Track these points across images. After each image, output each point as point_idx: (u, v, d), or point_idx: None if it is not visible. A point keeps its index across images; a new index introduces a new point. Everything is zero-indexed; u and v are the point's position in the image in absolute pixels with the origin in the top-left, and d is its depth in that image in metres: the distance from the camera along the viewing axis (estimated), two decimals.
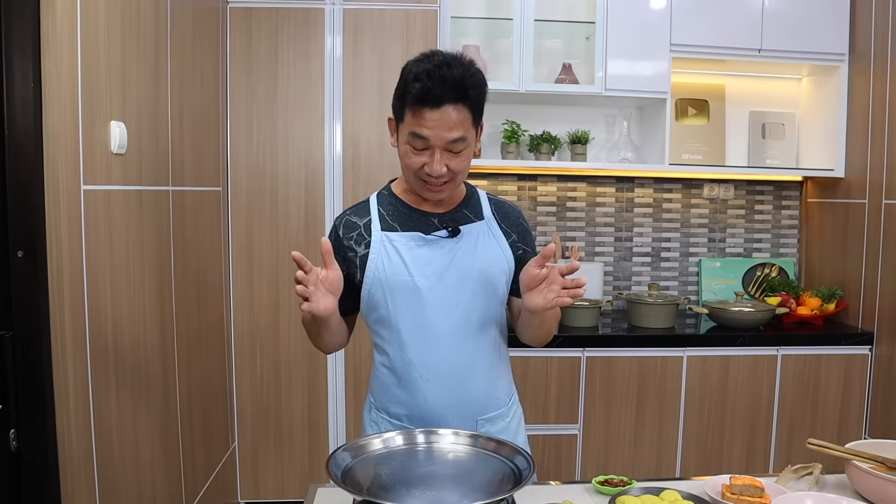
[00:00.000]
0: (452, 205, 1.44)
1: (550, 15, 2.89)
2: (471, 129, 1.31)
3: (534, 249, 1.49)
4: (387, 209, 1.43)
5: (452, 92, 1.25)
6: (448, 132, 1.27)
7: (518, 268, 1.44)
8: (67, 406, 1.52)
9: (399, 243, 1.38)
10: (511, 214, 1.48)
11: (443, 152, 1.29)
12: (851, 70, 2.88)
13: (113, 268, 1.72)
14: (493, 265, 1.40)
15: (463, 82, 1.26)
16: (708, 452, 2.72)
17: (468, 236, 1.40)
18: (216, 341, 2.60)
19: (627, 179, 3.20)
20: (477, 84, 1.29)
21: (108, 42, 1.68)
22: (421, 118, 1.26)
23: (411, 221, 1.41)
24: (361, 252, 1.39)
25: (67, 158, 1.51)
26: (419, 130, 1.27)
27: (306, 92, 2.72)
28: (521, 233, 1.47)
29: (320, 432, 2.83)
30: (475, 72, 1.29)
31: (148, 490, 1.93)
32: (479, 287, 1.38)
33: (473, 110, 1.30)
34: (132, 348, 1.84)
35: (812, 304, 2.91)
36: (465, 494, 1.11)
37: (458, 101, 1.26)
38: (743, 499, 1.20)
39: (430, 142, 1.28)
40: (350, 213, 1.46)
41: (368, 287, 1.39)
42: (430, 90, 1.24)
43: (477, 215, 1.44)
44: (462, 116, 1.27)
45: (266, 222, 2.76)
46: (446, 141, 1.27)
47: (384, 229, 1.40)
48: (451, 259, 1.37)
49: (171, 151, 2.12)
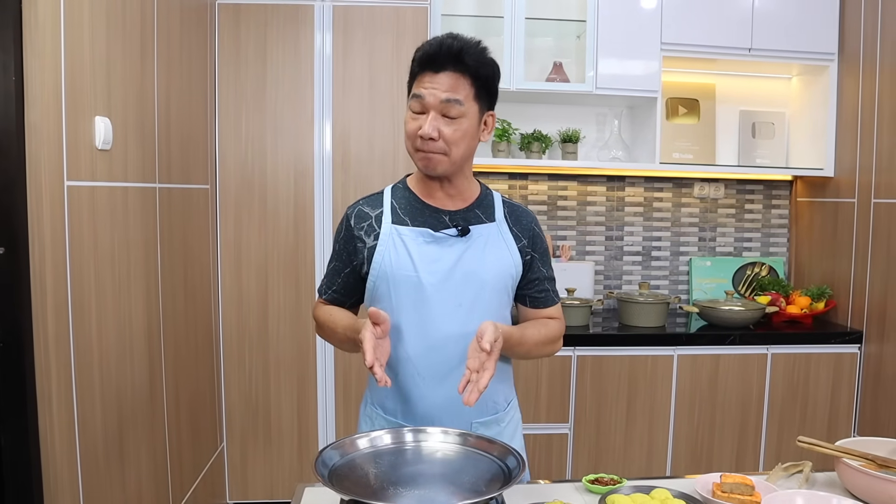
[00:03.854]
0: (465, 203, 1.42)
1: (541, 13, 2.88)
2: (471, 101, 1.32)
3: (543, 256, 1.47)
4: (399, 202, 1.43)
5: (452, 59, 1.29)
6: (443, 92, 1.29)
7: (525, 273, 1.44)
8: (50, 405, 1.49)
9: (408, 238, 1.37)
10: (524, 219, 1.46)
11: (437, 116, 1.30)
12: (841, 69, 2.90)
13: (98, 265, 1.70)
14: (501, 268, 1.39)
15: (461, 51, 1.29)
16: (698, 451, 2.73)
17: (478, 237, 1.39)
18: (204, 340, 2.58)
19: (618, 178, 3.20)
20: (480, 56, 1.32)
21: (93, 36, 1.66)
22: (421, 81, 1.32)
23: (422, 216, 1.40)
24: (370, 243, 1.39)
25: (50, 154, 1.48)
26: (417, 90, 1.32)
27: (296, 89, 2.70)
28: (532, 238, 1.45)
29: (310, 432, 2.81)
30: (481, 49, 1.33)
31: (133, 490, 1.91)
32: (485, 289, 1.37)
33: (476, 84, 1.32)
34: (117, 347, 1.81)
35: (802, 303, 2.91)
36: (453, 494, 1.09)
37: (458, 71, 1.30)
38: (733, 497, 1.19)
39: (425, 100, 1.30)
40: (363, 204, 1.45)
41: (374, 279, 1.38)
42: (431, 55, 1.30)
43: (489, 217, 1.43)
44: (459, 84, 1.30)
45: (255, 221, 2.73)
46: (440, 100, 1.29)
47: (395, 222, 1.39)
48: (458, 258, 1.36)
49: (158, 148, 2.09)
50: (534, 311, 1.49)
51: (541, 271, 1.47)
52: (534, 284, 1.46)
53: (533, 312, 1.49)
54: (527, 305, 1.49)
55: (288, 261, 2.74)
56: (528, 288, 1.46)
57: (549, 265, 1.49)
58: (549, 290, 1.49)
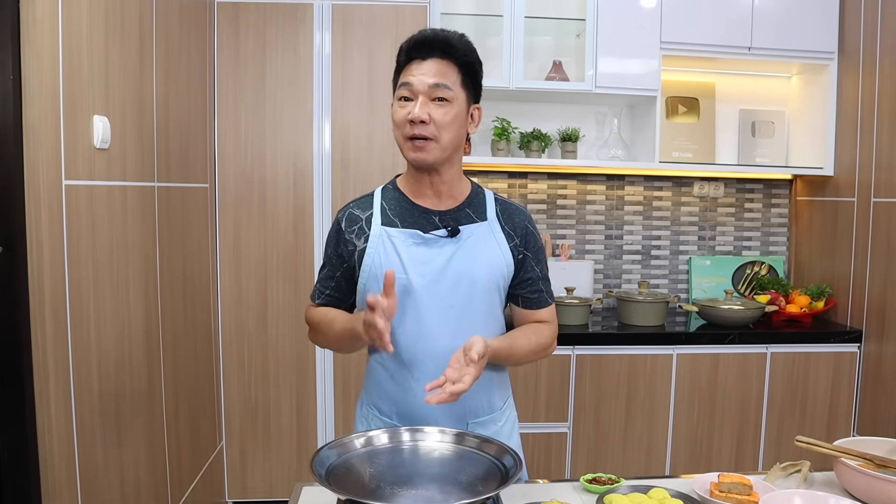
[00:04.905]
0: (455, 203, 1.41)
1: (541, 12, 2.88)
2: (459, 87, 1.34)
3: (537, 255, 1.45)
4: (389, 203, 1.42)
5: (437, 47, 1.32)
6: (431, 77, 1.31)
7: (518, 272, 1.43)
8: (48, 406, 1.49)
9: (397, 239, 1.36)
10: (517, 217, 1.44)
11: (426, 101, 1.32)
12: (840, 68, 2.89)
13: (96, 264, 1.70)
14: (492, 268, 1.38)
15: (447, 39, 1.33)
16: (697, 450, 2.73)
17: (468, 237, 1.38)
18: (203, 340, 2.58)
19: (618, 177, 3.20)
20: (465, 45, 1.35)
21: (91, 35, 1.65)
22: (409, 70, 1.34)
23: (411, 217, 1.39)
24: (360, 246, 1.38)
25: (48, 152, 1.48)
26: (405, 78, 1.33)
27: (295, 88, 2.70)
28: (525, 237, 1.43)
29: (309, 431, 2.81)
30: (466, 41, 1.36)
31: (132, 490, 1.91)
32: (476, 290, 1.37)
33: (462, 70, 1.34)
34: (116, 347, 1.81)
35: (801, 302, 2.91)
36: (450, 493, 1.09)
37: (444, 58, 1.32)
38: (731, 496, 1.19)
39: (413, 87, 1.31)
40: (353, 206, 1.44)
41: (364, 281, 1.38)
42: (419, 42, 1.33)
43: (480, 216, 1.42)
44: (447, 70, 1.33)
45: (254, 219, 2.73)
46: (428, 85, 1.31)
47: (384, 224, 1.38)
48: (448, 260, 1.36)
49: (157, 147, 2.09)
50: (527, 312, 1.47)
51: (534, 271, 1.45)
52: (527, 284, 1.44)
53: (526, 314, 1.47)
54: (520, 306, 1.47)
55: (287, 260, 2.74)
56: (521, 288, 1.45)
57: (543, 264, 1.47)
58: (542, 291, 1.47)
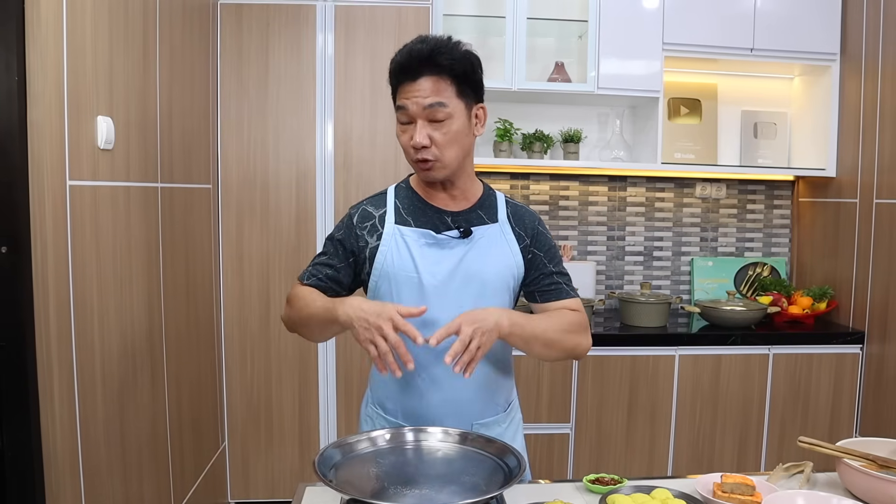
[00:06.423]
0: (467, 204, 1.42)
1: (543, 13, 2.88)
2: (454, 99, 1.31)
3: (549, 253, 1.45)
4: (403, 202, 1.42)
5: (424, 64, 1.28)
6: (424, 98, 1.29)
7: (528, 271, 1.43)
8: (52, 404, 1.50)
9: (410, 238, 1.37)
10: (527, 218, 1.45)
11: (425, 123, 1.30)
12: (843, 70, 2.89)
13: (100, 264, 1.70)
14: (502, 269, 1.39)
15: (431, 53, 1.28)
16: (699, 451, 2.72)
17: (480, 239, 1.39)
18: (206, 340, 2.58)
19: (620, 178, 3.20)
20: (452, 53, 1.30)
21: (95, 36, 1.66)
22: (402, 91, 1.32)
23: (424, 217, 1.40)
24: (373, 244, 1.39)
25: (53, 153, 1.49)
26: (400, 102, 1.32)
27: (298, 89, 2.70)
28: (535, 237, 1.44)
29: (311, 431, 2.81)
30: (453, 45, 1.31)
31: (135, 490, 1.91)
32: (487, 291, 1.37)
33: (456, 81, 1.31)
34: (119, 347, 1.81)
35: (803, 304, 2.91)
36: (454, 493, 1.09)
37: (433, 73, 1.29)
38: (734, 497, 1.19)
39: (410, 111, 1.30)
40: (367, 203, 1.45)
41: (376, 279, 1.38)
42: (403, 64, 1.30)
43: (491, 217, 1.43)
44: (439, 86, 1.29)
45: (257, 220, 2.74)
46: (422, 107, 1.29)
47: (398, 222, 1.39)
48: (459, 260, 1.36)
49: (160, 147, 2.09)
50: (546, 304, 1.45)
51: (546, 267, 1.44)
52: (540, 279, 1.44)
53: (546, 306, 1.45)
54: (538, 301, 1.45)
55: (290, 260, 2.74)
56: (534, 284, 1.44)
57: (557, 262, 1.46)
58: (560, 283, 1.44)
